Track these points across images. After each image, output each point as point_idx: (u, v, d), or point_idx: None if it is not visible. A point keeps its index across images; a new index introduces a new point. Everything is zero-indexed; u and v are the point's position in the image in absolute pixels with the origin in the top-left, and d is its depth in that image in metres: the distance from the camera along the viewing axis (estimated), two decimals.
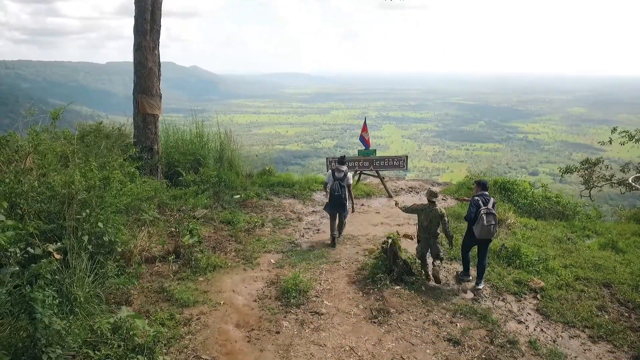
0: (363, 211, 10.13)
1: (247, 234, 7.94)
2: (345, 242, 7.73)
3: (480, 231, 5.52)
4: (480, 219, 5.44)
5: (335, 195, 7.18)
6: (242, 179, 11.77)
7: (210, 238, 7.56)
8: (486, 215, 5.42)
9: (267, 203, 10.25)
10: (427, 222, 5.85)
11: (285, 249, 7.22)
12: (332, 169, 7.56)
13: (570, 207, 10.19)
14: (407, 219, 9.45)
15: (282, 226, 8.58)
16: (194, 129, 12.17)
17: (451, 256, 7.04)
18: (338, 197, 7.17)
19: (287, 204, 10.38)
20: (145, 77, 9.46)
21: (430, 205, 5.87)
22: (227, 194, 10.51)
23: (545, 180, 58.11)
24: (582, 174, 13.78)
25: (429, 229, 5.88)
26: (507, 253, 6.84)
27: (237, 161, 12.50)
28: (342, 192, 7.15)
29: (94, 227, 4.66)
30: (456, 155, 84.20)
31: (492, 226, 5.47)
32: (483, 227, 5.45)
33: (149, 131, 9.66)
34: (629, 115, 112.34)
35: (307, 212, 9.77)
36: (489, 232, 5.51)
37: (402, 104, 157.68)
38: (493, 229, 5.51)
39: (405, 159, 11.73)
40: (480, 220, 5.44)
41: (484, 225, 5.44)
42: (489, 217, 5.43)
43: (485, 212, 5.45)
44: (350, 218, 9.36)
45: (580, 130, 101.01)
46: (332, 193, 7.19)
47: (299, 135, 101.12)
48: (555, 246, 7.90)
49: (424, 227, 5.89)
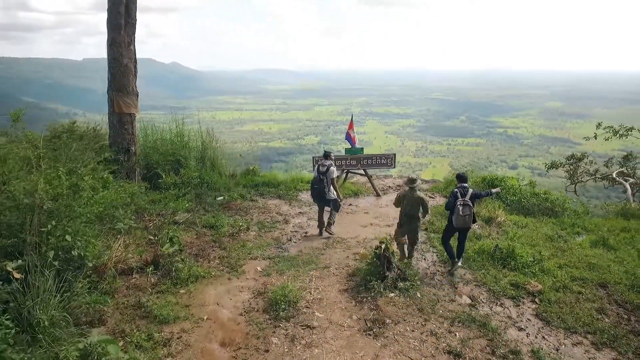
0: (351, 211, 9.85)
1: (231, 239, 7.54)
2: (335, 246, 7.42)
3: (456, 220, 5.97)
4: (457, 209, 5.90)
5: (314, 187, 7.54)
6: (225, 180, 11.34)
7: (193, 244, 7.14)
8: (462, 207, 5.88)
9: (252, 205, 9.85)
10: (409, 207, 6.29)
11: (272, 255, 6.86)
12: (317, 164, 7.76)
13: (559, 204, 10.13)
14: (396, 219, 9.21)
15: (268, 229, 8.22)
16: (174, 128, 11.64)
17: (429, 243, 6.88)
18: (317, 190, 7.49)
19: (273, 205, 10.01)
20: (120, 74, 8.92)
21: (410, 191, 6.29)
22: (210, 196, 10.09)
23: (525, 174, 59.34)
24: (568, 169, 13.82)
25: (411, 214, 6.30)
26: (502, 254, 6.66)
27: (220, 161, 12.05)
28: (320, 185, 7.40)
29: (61, 240, 4.21)
30: (438, 151, 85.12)
31: (467, 216, 5.91)
32: (459, 217, 5.92)
33: (125, 131, 9.13)
34: (604, 110, 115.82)
35: (293, 213, 9.42)
36: (465, 221, 5.95)
37: (384, 100, 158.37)
38: (468, 218, 5.93)
39: (393, 157, 11.48)
40: (457, 211, 5.90)
41: (459, 215, 5.90)
42: (464, 209, 5.88)
43: (462, 203, 5.90)
44: (338, 219, 9.08)
45: (558, 125, 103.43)
46: (312, 185, 7.59)
47: (282, 132, 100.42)
48: (548, 245, 7.77)
49: (406, 212, 6.32)
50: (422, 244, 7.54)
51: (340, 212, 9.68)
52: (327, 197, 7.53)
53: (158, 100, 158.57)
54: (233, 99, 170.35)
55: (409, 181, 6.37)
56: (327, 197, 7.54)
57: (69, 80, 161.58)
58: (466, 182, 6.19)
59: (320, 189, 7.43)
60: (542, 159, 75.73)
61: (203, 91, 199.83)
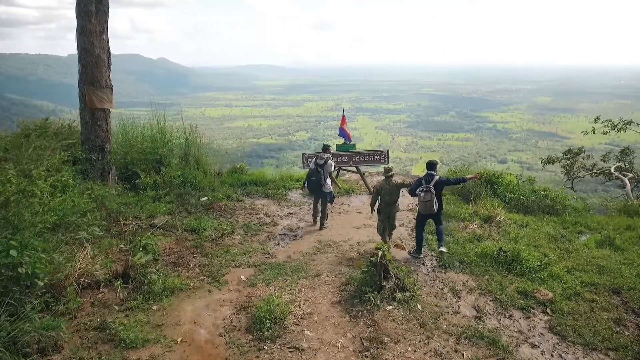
0: (343, 211, 9.30)
1: (214, 244, 6.94)
2: (326, 250, 6.86)
3: (420, 206, 6.33)
4: (419, 196, 6.19)
5: (311, 179, 7.62)
6: (210, 179, 10.74)
7: (171, 251, 6.52)
8: (423, 193, 6.12)
9: (237, 205, 9.24)
10: (387, 196, 6.43)
11: (258, 262, 6.27)
12: (315, 157, 7.80)
13: (559, 201, 9.70)
14: None
15: (255, 233, 7.62)
16: (156, 124, 10.96)
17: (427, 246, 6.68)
18: (315, 182, 7.56)
19: (260, 205, 9.42)
20: (92, 66, 8.20)
21: (386, 180, 6.47)
22: (194, 196, 9.48)
23: (514, 168, 59.39)
24: (564, 164, 13.44)
25: (390, 202, 6.46)
26: (506, 258, 6.16)
27: (204, 159, 11.44)
28: (317, 177, 7.50)
29: (4, 257, 3.57)
30: (429, 146, 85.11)
31: (429, 202, 6.13)
32: (421, 203, 6.24)
33: (99, 128, 8.43)
34: (590, 104, 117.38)
35: (282, 214, 8.83)
36: (426, 207, 6.20)
37: (375, 95, 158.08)
38: (429, 204, 6.15)
39: (386, 153, 10.95)
40: (419, 197, 6.21)
41: (421, 202, 6.20)
42: (425, 195, 6.12)
43: (424, 190, 6.13)
44: (330, 220, 8.55)
45: (546, 119, 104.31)
46: (309, 177, 7.67)
47: (272, 128, 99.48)
48: (552, 245, 7.31)
49: (386, 201, 6.46)
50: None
51: (332, 213, 9.17)
52: (323, 189, 7.61)
53: (145, 97, 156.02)
54: (223, 95, 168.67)
55: (385, 171, 6.59)
56: (324, 189, 7.62)
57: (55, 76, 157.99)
58: (434, 169, 6.30)
59: (317, 181, 7.53)
60: (530, 153, 76.71)
61: (192, 87, 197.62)
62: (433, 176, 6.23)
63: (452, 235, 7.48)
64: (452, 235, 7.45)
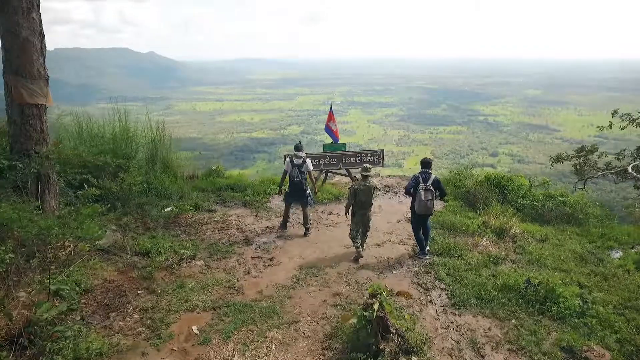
0: (332, 223, 7.91)
1: (168, 274, 5.51)
2: (308, 281, 5.46)
3: (418, 207, 5.83)
4: (418, 194, 5.77)
5: (295, 181, 6.88)
6: (180, 184, 9.31)
7: (110, 286, 5.07)
8: (424, 192, 5.75)
9: (207, 218, 7.82)
10: (364, 197, 6.01)
11: (219, 302, 4.84)
12: (290, 156, 7.05)
13: (580, 208, 8.42)
14: (390, 233, 7.34)
15: (222, 256, 6.20)
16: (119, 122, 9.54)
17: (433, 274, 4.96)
18: (298, 183, 6.88)
19: (235, 216, 8.01)
20: (18, 51, 6.64)
21: (364, 180, 6.04)
22: (157, 206, 8.04)
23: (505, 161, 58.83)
24: (576, 163, 12.16)
25: (365, 204, 6.06)
26: (537, 294, 4.82)
27: (175, 161, 10.00)
28: (302, 178, 6.87)
29: None
30: (421, 139, 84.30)
31: (429, 201, 5.77)
32: (421, 203, 5.77)
33: (30, 128, 6.88)
34: (579, 97, 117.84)
35: (259, 229, 7.42)
36: (427, 207, 5.81)
37: (367, 89, 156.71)
38: (430, 204, 5.80)
39: (380, 153, 9.57)
40: (418, 196, 5.78)
41: (421, 201, 5.75)
42: (426, 194, 5.75)
43: (424, 188, 5.76)
44: (315, 236, 7.17)
45: (536, 112, 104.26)
46: (292, 180, 6.90)
47: (264, 122, 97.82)
48: (583, 269, 6.01)
49: (361, 202, 6.04)
50: (425, 274, 5.67)
51: (318, 225, 7.79)
52: (306, 191, 7.02)
53: (136, 92, 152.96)
54: (214, 90, 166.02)
55: (363, 169, 6.14)
56: (306, 191, 7.04)
57: None
58: (430, 167, 5.99)
59: (299, 183, 6.88)
60: (521, 146, 76.35)
61: (182, 81, 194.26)
62: (430, 174, 5.93)
63: (463, 257, 6.14)
64: (462, 258, 6.11)
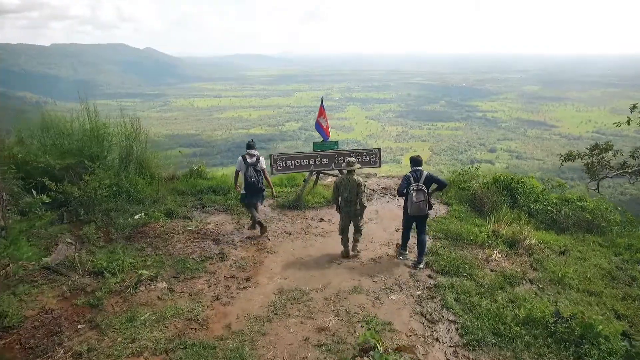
0: (322, 232, 6.99)
1: (120, 301, 4.58)
2: (288, 310, 4.51)
3: (410, 207, 5.51)
4: (410, 195, 5.46)
5: (251, 181, 6.47)
6: (156, 186, 8.40)
7: (45, 319, 4.15)
8: (416, 192, 5.43)
9: (180, 226, 6.90)
10: (346, 192, 5.78)
11: (175, 342, 3.87)
12: (242, 155, 6.61)
13: (601, 214, 7.52)
14: (387, 244, 6.43)
15: (190, 275, 5.28)
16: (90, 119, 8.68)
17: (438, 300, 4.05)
18: (255, 184, 6.49)
19: (213, 225, 7.10)
20: None
21: (348, 175, 5.81)
22: (127, 213, 7.14)
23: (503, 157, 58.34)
24: (588, 161, 11.25)
25: (349, 200, 5.79)
26: (570, 333, 3.89)
27: (152, 160, 9.10)
28: (258, 177, 6.52)
29: None
30: (419, 135, 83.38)
31: (422, 202, 5.44)
32: (413, 204, 5.45)
33: None
34: (578, 93, 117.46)
35: (238, 240, 6.51)
36: (419, 208, 5.46)
37: (365, 85, 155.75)
38: (423, 205, 5.45)
39: (377, 152, 8.62)
40: (410, 197, 5.47)
41: (413, 202, 5.44)
42: (418, 194, 5.43)
43: (415, 188, 5.45)
44: (302, 248, 6.26)
45: (534, 108, 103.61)
46: (249, 180, 6.48)
47: (262, 119, 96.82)
48: (615, 290, 5.13)
49: (344, 198, 5.82)
50: (429, 300, 4.76)
51: (307, 234, 6.87)
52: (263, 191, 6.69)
53: (134, 88, 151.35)
54: (212, 86, 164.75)
55: (348, 164, 5.85)
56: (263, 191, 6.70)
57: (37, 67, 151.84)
58: (420, 165, 5.67)
59: (257, 183, 6.48)
60: (519, 142, 75.81)
61: (180, 78, 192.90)
62: (421, 172, 5.56)
63: (473, 276, 5.23)
64: (472, 277, 5.20)
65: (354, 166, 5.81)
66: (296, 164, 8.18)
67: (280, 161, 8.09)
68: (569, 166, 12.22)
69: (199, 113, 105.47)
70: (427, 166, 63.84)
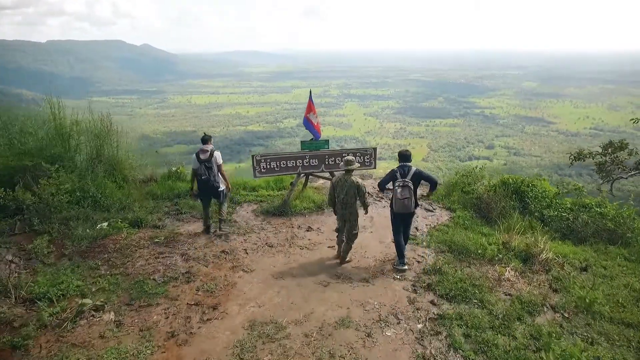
0: (308, 245, 6.13)
1: (53, 340, 3.74)
2: (258, 353, 3.63)
3: (395, 205, 5.20)
4: (395, 192, 5.16)
5: (202, 179, 6.01)
6: (128, 190, 7.58)
7: None
8: (401, 189, 5.10)
9: (145, 238, 6.05)
10: (342, 194, 5.34)
11: None
12: (196, 152, 6.12)
13: (624, 223, 6.65)
14: (383, 260, 5.58)
15: (147, 301, 4.42)
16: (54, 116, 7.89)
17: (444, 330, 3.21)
18: (206, 181, 6.01)
19: (185, 235, 6.24)
20: None
21: (345, 175, 5.38)
22: (90, 222, 6.30)
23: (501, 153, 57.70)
24: (600, 160, 10.39)
25: (345, 202, 5.35)
26: None
27: (124, 162, 8.28)
28: (210, 174, 6.02)
29: None
30: (417, 132, 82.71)
31: (407, 199, 5.11)
32: (397, 201, 5.15)
33: None
34: (575, 89, 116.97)
35: (211, 254, 5.64)
36: (404, 205, 5.14)
37: (363, 81, 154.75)
38: (408, 202, 5.12)
39: (372, 152, 7.76)
40: (395, 194, 5.17)
41: (397, 199, 5.13)
42: (403, 191, 5.10)
43: (400, 184, 5.10)
44: (282, 264, 5.42)
45: (532, 104, 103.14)
46: (199, 178, 6.04)
47: (260, 116, 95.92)
48: None
49: (340, 199, 5.37)
50: (433, 337, 3.89)
51: (291, 246, 6.02)
52: (219, 188, 6.16)
53: (131, 85, 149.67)
54: (209, 83, 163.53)
55: (345, 163, 5.42)
56: (219, 188, 6.18)
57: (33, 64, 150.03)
58: (409, 160, 5.29)
59: (208, 181, 6.00)
60: (517, 138, 75.30)
61: (178, 74, 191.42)
62: (409, 168, 5.22)
63: (484, 302, 4.38)
64: (483, 304, 4.35)
65: (353, 165, 5.37)
66: (282, 165, 7.31)
67: (263, 162, 7.21)
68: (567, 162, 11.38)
69: (197, 110, 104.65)
70: (425, 163, 62.89)
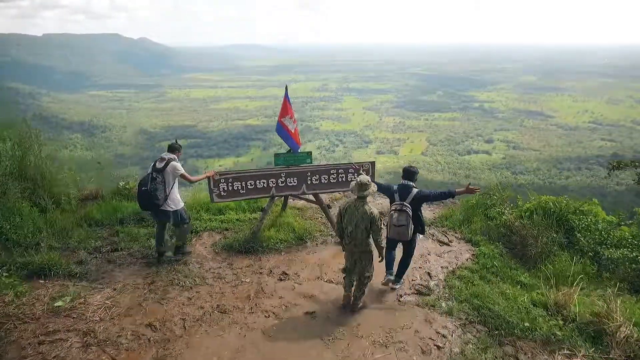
0: (277, 310, 4.36)
1: None
2: None
3: (390, 230, 4.48)
4: (390, 216, 4.43)
5: (142, 190, 4.68)
6: (53, 216, 5.79)
7: None
8: (397, 213, 4.33)
9: (41, 303, 4.35)
10: (352, 226, 4.04)
11: None
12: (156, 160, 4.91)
13: None
14: (392, 308, 3.81)
15: None
16: None
17: None
18: (145, 194, 4.65)
19: (106, 293, 4.50)
20: None
21: (357, 202, 4.04)
22: None
23: (500, 147, 56.47)
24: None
25: (354, 236, 4.06)
26: None
27: (55, 177, 6.54)
28: (151, 187, 4.63)
29: None
30: (416, 126, 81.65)
31: (403, 227, 4.31)
32: (392, 227, 4.41)
33: None
34: (574, 83, 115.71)
35: (129, 335, 3.95)
36: (399, 233, 4.38)
37: (362, 75, 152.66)
38: (403, 230, 4.33)
39: (370, 167, 5.95)
40: (390, 219, 4.43)
41: (393, 225, 4.39)
42: (400, 217, 4.31)
43: (398, 208, 4.33)
44: (231, 351, 3.67)
45: (531, 98, 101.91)
46: (139, 188, 4.73)
47: (259, 110, 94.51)
48: None
49: (348, 232, 4.09)
50: None
51: (247, 323, 4.16)
52: (162, 207, 4.79)
53: (128, 79, 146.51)
54: (207, 76, 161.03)
55: (359, 187, 4.00)
56: (163, 206, 4.80)
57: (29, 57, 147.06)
58: (413, 179, 4.46)
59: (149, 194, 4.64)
60: (516, 132, 75.22)
61: (175, 68, 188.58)
62: (410, 189, 4.38)
63: None
64: None
65: (368, 189, 4.01)
66: (248, 186, 5.54)
67: (223, 184, 5.41)
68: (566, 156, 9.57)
69: (195, 104, 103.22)
70: (424, 157, 61.07)
